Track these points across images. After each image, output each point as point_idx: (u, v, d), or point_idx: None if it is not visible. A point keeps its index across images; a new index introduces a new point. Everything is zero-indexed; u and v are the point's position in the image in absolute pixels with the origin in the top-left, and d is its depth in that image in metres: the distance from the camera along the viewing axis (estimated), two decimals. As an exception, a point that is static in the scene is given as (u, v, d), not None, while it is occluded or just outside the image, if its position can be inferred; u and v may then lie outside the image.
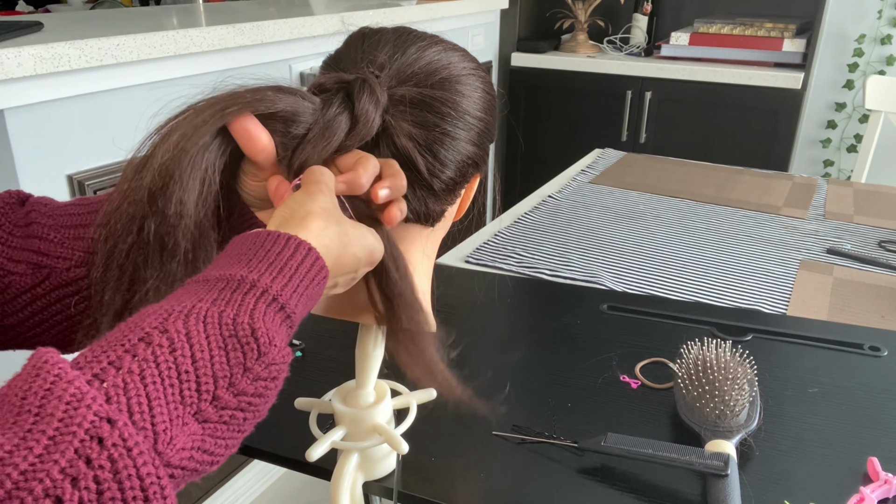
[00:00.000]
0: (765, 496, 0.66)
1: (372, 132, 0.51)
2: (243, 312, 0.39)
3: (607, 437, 0.69)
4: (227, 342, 0.38)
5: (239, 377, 0.38)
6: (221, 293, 0.39)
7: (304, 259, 0.42)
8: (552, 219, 1.37)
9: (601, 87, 2.61)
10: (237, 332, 0.38)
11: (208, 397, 0.36)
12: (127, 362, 0.34)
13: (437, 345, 0.60)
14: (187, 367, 0.36)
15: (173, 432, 0.34)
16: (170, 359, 0.36)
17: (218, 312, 0.38)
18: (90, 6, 2.83)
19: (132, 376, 0.34)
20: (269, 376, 0.39)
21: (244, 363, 0.38)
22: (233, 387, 0.37)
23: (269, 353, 0.39)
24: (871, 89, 1.99)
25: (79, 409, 0.31)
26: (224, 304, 0.39)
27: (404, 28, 0.56)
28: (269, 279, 0.40)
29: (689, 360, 0.76)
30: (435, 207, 0.56)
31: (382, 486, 0.67)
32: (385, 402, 0.65)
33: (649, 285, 1.10)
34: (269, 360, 0.39)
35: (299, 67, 1.69)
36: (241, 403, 0.38)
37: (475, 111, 0.55)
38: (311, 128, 0.49)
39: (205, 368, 0.37)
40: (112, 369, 0.34)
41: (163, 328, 0.36)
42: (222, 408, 0.37)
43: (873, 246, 1.25)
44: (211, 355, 0.37)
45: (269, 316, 0.40)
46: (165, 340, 0.36)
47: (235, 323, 0.38)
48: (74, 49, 1.14)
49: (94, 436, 0.31)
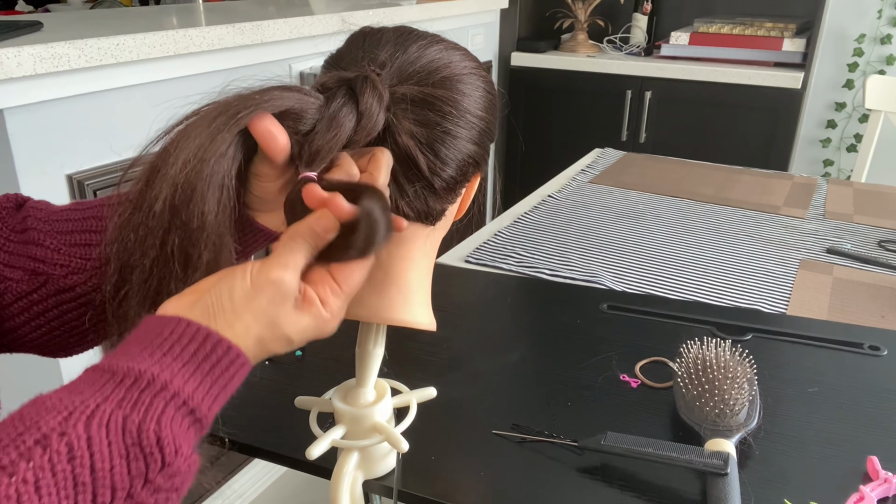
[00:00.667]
0: (764, 495, 0.66)
1: (378, 127, 0.51)
2: (149, 419, 0.36)
3: (607, 437, 0.69)
4: (129, 451, 0.35)
5: (139, 489, 0.36)
6: (129, 392, 0.37)
7: (222, 357, 0.40)
8: (552, 219, 1.37)
9: (601, 86, 2.61)
10: (141, 441, 0.36)
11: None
12: (22, 469, 0.32)
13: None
14: (84, 479, 0.34)
15: None
16: (67, 468, 0.33)
17: (123, 416, 0.36)
18: (90, 6, 2.83)
19: (27, 486, 0.32)
20: (171, 487, 0.37)
21: (146, 474, 0.36)
22: (130, 498, 0.35)
23: (174, 464, 0.37)
24: (871, 89, 1.99)
25: None
26: (130, 406, 0.36)
27: (405, 27, 0.56)
28: (181, 382, 0.38)
29: (689, 360, 0.76)
30: (435, 206, 0.56)
31: (382, 484, 0.68)
32: (385, 400, 0.65)
33: (649, 285, 1.10)
34: (172, 471, 0.37)
35: (299, 67, 1.69)
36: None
37: (476, 110, 0.55)
38: (318, 123, 0.49)
39: (103, 479, 0.34)
40: (5, 477, 0.32)
41: (62, 430, 0.34)
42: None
43: (873, 246, 1.25)
44: (111, 465, 0.35)
45: (178, 421, 0.38)
46: (64, 447, 0.34)
47: (140, 430, 0.36)
48: (74, 49, 1.14)
49: None
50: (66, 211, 0.56)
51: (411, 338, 0.91)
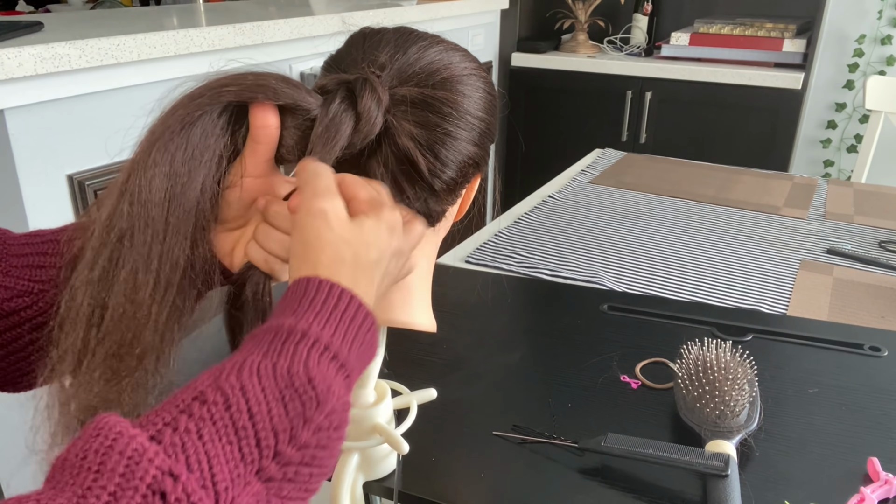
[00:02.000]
0: (765, 496, 0.66)
1: (375, 130, 0.50)
2: (297, 362, 0.37)
3: (607, 438, 0.69)
4: (283, 393, 0.36)
5: (300, 429, 0.36)
6: (272, 344, 0.38)
7: (346, 307, 0.41)
8: (552, 219, 1.37)
9: (601, 87, 2.61)
10: (293, 382, 0.36)
11: (269, 453, 0.35)
12: (183, 422, 0.33)
13: None
14: (244, 423, 0.34)
15: (234, 492, 0.33)
16: (225, 416, 0.34)
17: (272, 364, 0.37)
18: (90, 6, 2.83)
19: (189, 435, 0.33)
20: (330, 426, 0.37)
21: (304, 414, 0.36)
22: (294, 440, 0.36)
23: (329, 402, 0.37)
24: (871, 89, 1.99)
25: (140, 464, 0.30)
26: (276, 355, 0.37)
27: (405, 28, 0.56)
28: (318, 328, 0.39)
29: (689, 361, 0.76)
30: (436, 207, 0.56)
31: (383, 485, 0.67)
32: (385, 401, 0.65)
33: (649, 285, 1.10)
34: (329, 409, 0.37)
35: (299, 67, 1.69)
36: (304, 457, 0.36)
37: (476, 111, 0.55)
38: (316, 125, 0.49)
39: (263, 423, 0.35)
40: (168, 430, 0.33)
41: (216, 385, 0.35)
42: (285, 464, 0.35)
43: (873, 246, 1.25)
44: (269, 408, 0.35)
45: (324, 364, 0.38)
46: (220, 397, 0.35)
47: (290, 373, 0.37)
48: (74, 49, 1.14)
49: (157, 490, 0.30)
50: (24, 236, 0.54)
51: (411, 339, 0.91)
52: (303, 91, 0.49)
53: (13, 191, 1.16)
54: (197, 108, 0.46)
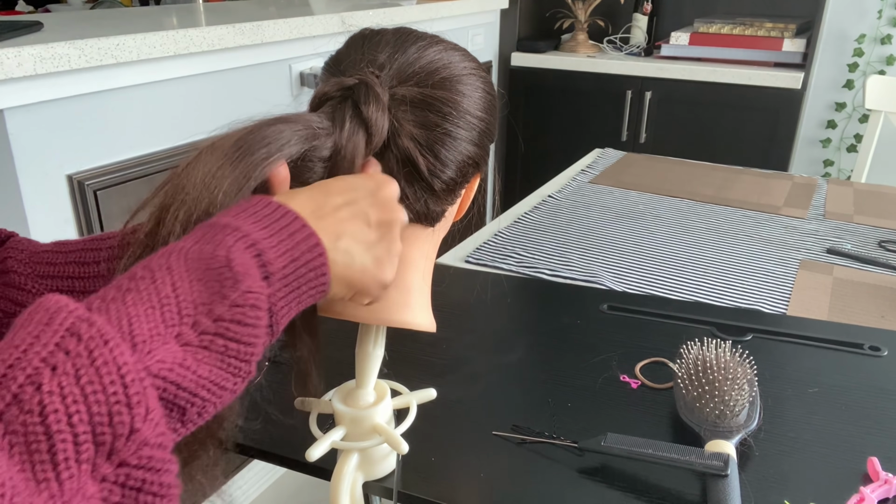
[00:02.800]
0: (765, 496, 0.66)
1: (384, 134, 0.51)
2: (221, 248, 0.40)
3: (607, 438, 0.69)
4: (204, 273, 0.39)
5: (216, 303, 0.38)
6: (205, 234, 0.41)
7: (289, 223, 0.43)
8: (552, 219, 1.37)
9: (601, 87, 2.61)
10: (213, 264, 0.39)
11: (189, 321, 0.37)
12: (111, 293, 0.37)
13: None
14: (167, 293, 0.37)
15: (152, 346, 0.36)
16: (150, 287, 0.37)
17: (198, 247, 0.40)
18: (90, 6, 2.83)
19: (114, 302, 0.36)
20: (245, 303, 0.39)
21: (221, 291, 0.39)
22: (211, 312, 0.38)
23: (244, 282, 0.39)
24: (871, 89, 1.99)
25: (60, 314, 0.33)
26: (205, 242, 0.40)
27: (405, 28, 0.56)
28: (247, 224, 0.41)
29: (689, 361, 0.76)
30: (435, 207, 0.56)
31: (382, 486, 0.67)
32: (385, 401, 0.65)
33: (649, 285, 1.10)
34: (244, 288, 0.39)
35: (299, 67, 1.69)
36: (219, 328, 0.38)
37: (476, 111, 0.55)
38: (334, 153, 0.50)
39: (184, 295, 0.38)
40: (97, 299, 0.36)
41: (147, 265, 0.39)
42: (202, 332, 0.38)
43: (873, 246, 1.25)
44: (190, 284, 0.38)
45: (246, 255, 0.40)
46: (147, 273, 0.38)
47: (213, 255, 0.39)
48: (74, 49, 1.14)
49: (73, 333, 0.33)
50: (49, 253, 0.55)
51: (411, 339, 0.91)
52: (307, 126, 0.49)
53: (13, 191, 1.16)
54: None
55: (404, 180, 0.53)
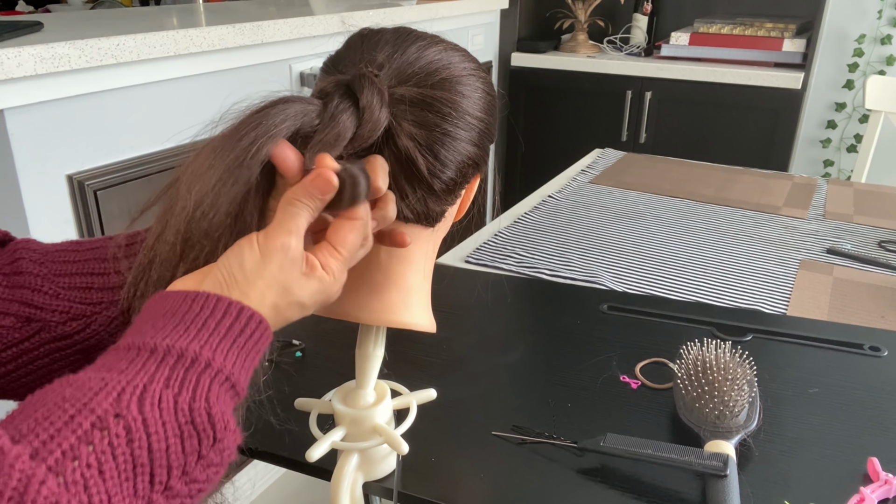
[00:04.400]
0: (765, 496, 0.66)
1: (382, 121, 0.50)
2: (199, 397, 0.37)
3: (606, 438, 0.69)
4: (182, 430, 0.36)
5: (192, 465, 0.37)
6: (173, 371, 0.38)
7: (253, 331, 0.41)
8: (552, 219, 1.37)
9: (601, 87, 2.61)
10: (194, 419, 0.37)
11: (160, 488, 0.35)
12: (84, 454, 0.33)
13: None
14: (143, 460, 0.35)
15: None
16: (127, 451, 0.34)
17: (173, 396, 0.37)
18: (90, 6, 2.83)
19: (91, 470, 0.33)
20: (220, 462, 0.38)
21: (199, 451, 0.37)
22: (185, 475, 0.36)
23: (225, 439, 0.38)
24: (871, 89, 1.99)
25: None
26: (178, 385, 0.37)
27: (404, 28, 0.56)
28: (221, 357, 0.39)
29: (689, 361, 0.76)
30: (435, 208, 0.56)
31: (382, 486, 0.67)
32: (385, 402, 0.65)
33: (649, 285, 1.10)
34: (223, 446, 0.38)
35: (299, 67, 1.69)
36: (191, 491, 0.37)
37: (476, 111, 0.55)
38: (318, 126, 0.48)
39: (160, 459, 0.35)
40: (68, 461, 0.33)
41: (116, 412, 0.35)
42: (173, 496, 0.36)
43: (873, 246, 1.25)
44: (167, 445, 0.36)
45: (223, 397, 0.39)
46: (122, 430, 0.35)
47: (192, 409, 0.37)
48: (74, 49, 1.14)
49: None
50: (63, 252, 0.53)
51: (411, 339, 0.91)
52: (304, 103, 0.48)
53: (13, 191, 1.16)
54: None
55: (404, 180, 0.53)
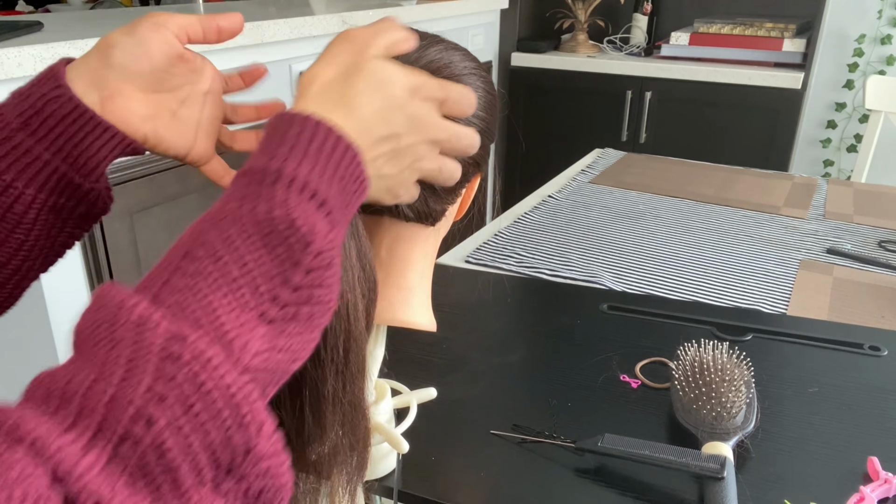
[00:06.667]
0: (764, 496, 0.66)
1: None
2: (277, 205, 0.37)
3: (604, 438, 0.69)
4: (268, 239, 0.36)
5: (291, 272, 0.36)
6: (248, 188, 0.38)
7: (325, 139, 0.40)
8: (552, 219, 1.37)
9: (601, 87, 2.61)
10: (276, 227, 0.36)
11: (268, 297, 0.35)
12: (179, 281, 0.34)
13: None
14: (236, 274, 0.35)
15: (245, 338, 0.34)
16: (218, 268, 0.35)
17: (249, 210, 0.37)
18: (90, 6, 2.83)
19: (189, 293, 0.34)
20: (320, 265, 0.37)
21: (292, 257, 0.36)
22: (288, 283, 0.36)
23: (315, 242, 0.37)
24: (871, 89, 1.99)
25: (146, 333, 0.32)
26: (254, 198, 0.37)
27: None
28: (293, 165, 0.38)
29: (686, 362, 0.76)
30: (436, 207, 0.56)
31: (383, 485, 0.68)
32: (385, 401, 0.65)
33: (649, 285, 1.10)
34: (316, 249, 0.37)
35: (299, 67, 1.69)
36: (301, 297, 0.36)
37: (476, 111, 0.55)
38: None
39: (256, 270, 0.35)
40: (166, 289, 0.34)
41: (200, 240, 0.36)
42: (284, 305, 0.36)
43: (873, 246, 1.25)
44: (257, 255, 0.36)
45: (304, 204, 0.38)
46: (208, 251, 0.35)
47: (271, 217, 0.36)
48: (74, 49, 1.14)
49: (170, 356, 0.31)
50: None
51: (411, 338, 0.91)
52: None
53: (13, 190, 1.15)
54: None
55: None
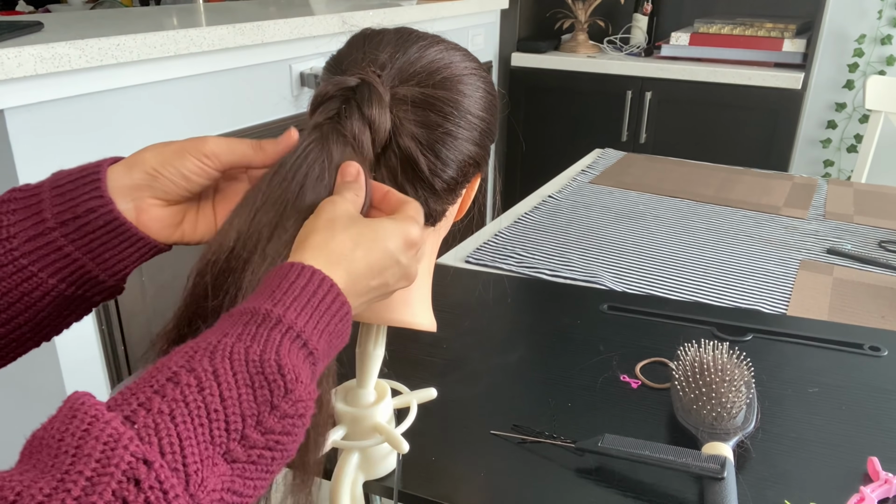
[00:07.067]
0: (764, 496, 0.66)
1: (387, 133, 0.52)
2: (269, 349, 0.38)
3: (604, 438, 0.69)
4: (253, 379, 0.37)
5: (266, 415, 0.37)
6: (246, 327, 0.39)
7: (325, 296, 0.42)
8: (552, 219, 1.37)
9: (601, 87, 2.61)
10: (264, 370, 0.37)
11: (237, 436, 0.36)
12: (157, 403, 0.34)
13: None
14: (216, 406, 0.36)
15: (204, 474, 0.34)
16: (198, 398, 0.35)
17: (244, 348, 0.38)
18: (90, 6, 2.83)
19: (162, 417, 0.34)
20: (295, 413, 0.38)
21: (271, 401, 0.37)
22: (260, 425, 0.37)
23: (296, 391, 0.38)
24: (871, 89, 1.99)
25: (116, 450, 0.31)
26: (249, 339, 0.38)
27: (406, 28, 0.56)
28: (293, 316, 0.40)
29: (686, 362, 0.76)
30: (436, 207, 0.56)
31: (383, 485, 0.68)
32: (385, 401, 0.65)
33: (649, 285, 1.10)
34: (295, 398, 0.38)
35: (299, 67, 1.69)
36: (268, 442, 0.37)
37: (477, 111, 0.55)
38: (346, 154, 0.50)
39: (233, 407, 0.36)
40: (142, 410, 0.34)
41: (189, 367, 0.36)
42: (251, 447, 0.36)
43: (873, 246, 1.26)
44: (238, 393, 0.36)
45: (294, 352, 0.39)
46: (193, 379, 0.36)
47: (262, 360, 0.37)
48: (74, 49, 1.14)
49: (131, 477, 0.31)
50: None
51: (411, 338, 0.91)
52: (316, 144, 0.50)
53: (13, 191, 1.15)
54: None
55: (405, 179, 0.53)
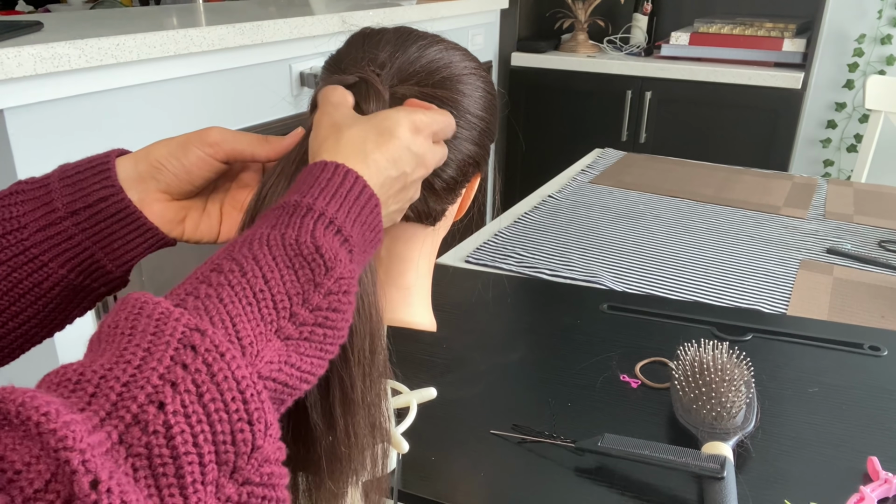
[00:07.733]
0: (764, 496, 0.66)
1: None
2: (304, 232, 0.39)
3: (604, 438, 0.69)
4: (293, 261, 0.38)
5: (311, 293, 0.38)
6: (279, 218, 0.40)
7: (352, 187, 0.43)
8: (552, 219, 1.37)
9: (601, 87, 2.61)
10: (301, 251, 0.39)
11: (286, 314, 0.37)
12: (203, 289, 0.36)
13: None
14: (261, 287, 0.37)
15: (259, 346, 0.35)
16: (242, 281, 0.36)
17: (280, 234, 0.39)
18: (90, 6, 2.83)
19: (210, 300, 0.35)
20: (339, 290, 0.39)
21: (314, 279, 0.38)
22: (307, 303, 0.38)
23: (336, 268, 0.39)
24: (871, 89, 1.99)
25: (168, 323, 0.32)
26: (284, 226, 0.39)
27: (405, 28, 0.56)
28: (323, 203, 0.41)
29: (686, 362, 0.76)
30: (436, 206, 0.56)
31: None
32: (385, 401, 0.65)
33: (649, 285, 1.10)
34: (337, 275, 0.39)
35: (299, 67, 1.69)
36: (318, 318, 0.38)
37: (476, 110, 0.55)
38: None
39: (278, 287, 0.37)
40: (190, 298, 0.35)
41: (230, 256, 0.38)
42: (301, 324, 0.37)
43: (873, 246, 1.25)
44: (281, 275, 0.37)
45: (329, 237, 0.40)
46: (235, 266, 0.37)
47: (298, 242, 0.39)
48: (74, 49, 1.14)
49: (187, 344, 0.32)
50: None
51: (411, 338, 0.91)
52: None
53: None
54: None
55: None
